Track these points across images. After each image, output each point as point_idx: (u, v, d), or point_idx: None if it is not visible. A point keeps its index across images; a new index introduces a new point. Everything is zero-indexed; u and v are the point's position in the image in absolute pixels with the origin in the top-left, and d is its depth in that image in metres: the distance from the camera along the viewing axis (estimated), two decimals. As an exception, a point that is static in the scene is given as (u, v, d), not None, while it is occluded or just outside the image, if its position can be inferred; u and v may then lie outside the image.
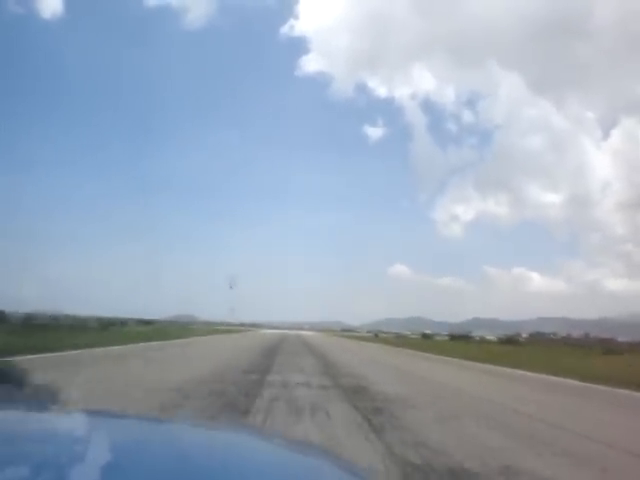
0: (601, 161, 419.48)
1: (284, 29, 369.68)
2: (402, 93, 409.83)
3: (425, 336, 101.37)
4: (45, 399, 1.38)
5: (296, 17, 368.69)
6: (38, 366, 10.12)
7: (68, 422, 1.03)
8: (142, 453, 0.85)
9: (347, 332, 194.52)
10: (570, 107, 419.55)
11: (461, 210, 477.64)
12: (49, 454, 0.79)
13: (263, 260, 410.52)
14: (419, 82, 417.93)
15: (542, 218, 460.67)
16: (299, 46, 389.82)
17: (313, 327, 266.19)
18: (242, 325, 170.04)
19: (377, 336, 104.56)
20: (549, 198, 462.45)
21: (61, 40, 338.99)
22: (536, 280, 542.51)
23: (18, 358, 10.85)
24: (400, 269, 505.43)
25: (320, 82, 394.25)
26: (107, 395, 7.49)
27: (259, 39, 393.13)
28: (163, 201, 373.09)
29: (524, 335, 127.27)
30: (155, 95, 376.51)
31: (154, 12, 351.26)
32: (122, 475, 0.74)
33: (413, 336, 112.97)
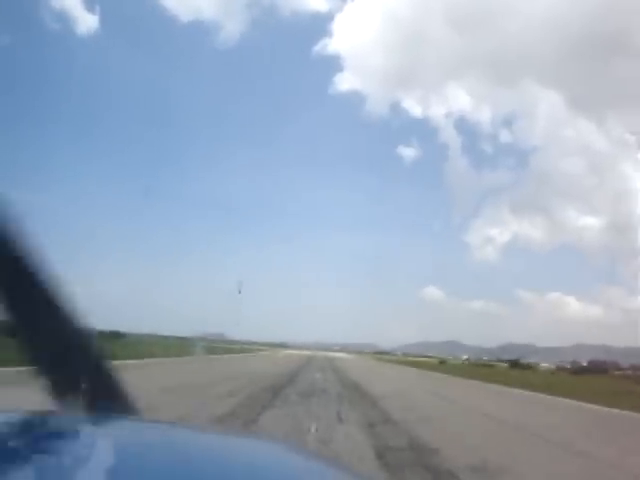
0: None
1: (318, 47, 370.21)
2: (437, 113, 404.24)
3: (484, 365, 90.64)
4: None
5: (330, 35, 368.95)
6: None
7: (71, 425, 1.02)
8: (145, 457, 0.85)
9: (382, 355, 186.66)
10: (610, 127, 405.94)
11: (496, 233, 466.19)
12: (52, 458, 0.80)
13: (295, 280, 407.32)
14: (454, 101, 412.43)
15: (579, 242, 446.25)
16: (333, 64, 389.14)
17: (344, 349, 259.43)
18: (270, 345, 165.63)
19: (443, 363, 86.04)
20: (587, 222, 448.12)
21: (96, 56, 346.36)
22: (573, 305, 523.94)
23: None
24: (433, 292, 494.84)
25: (354, 101, 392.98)
26: None
27: (293, 57, 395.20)
28: (197, 220, 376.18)
29: (584, 363, 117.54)
30: (187, 112, 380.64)
31: (188, 29, 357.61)
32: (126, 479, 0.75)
33: (458, 362, 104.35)
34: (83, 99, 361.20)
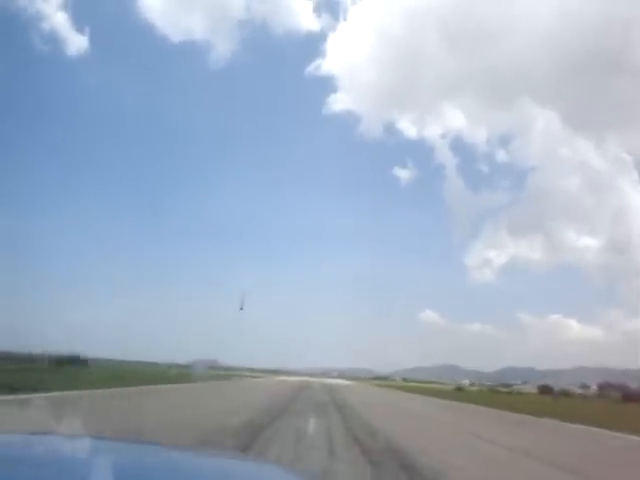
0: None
1: (311, 67, 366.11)
2: (432, 133, 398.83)
3: (508, 392, 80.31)
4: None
5: (323, 55, 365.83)
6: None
7: (70, 446, 1.00)
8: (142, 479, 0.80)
9: (381, 380, 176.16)
10: (609, 147, 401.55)
11: (494, 254, 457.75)
12: (50, 478, 0.80)
13: (288, 304, 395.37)
14: (450, 121, 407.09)
15: (579, 263, 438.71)
16: (326, 84, 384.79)
17: (341, 374, 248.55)
18: (265, 371, 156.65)
19: (460, 390, 75.47)
20: (586, 242, 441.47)
21: (86, 77, 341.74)
22: (574, 328, 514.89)
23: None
24: (430, 315, 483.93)
25: (348, 121, 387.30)
26: None
27: (285, 77, 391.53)
28: (187, 243, 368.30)
29: (593, 387, 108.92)
30: (178, 133, 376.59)
31: (178, 49, 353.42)
32: None
33: (473, 388, 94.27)
34: (72, 120, 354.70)
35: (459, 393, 56.84)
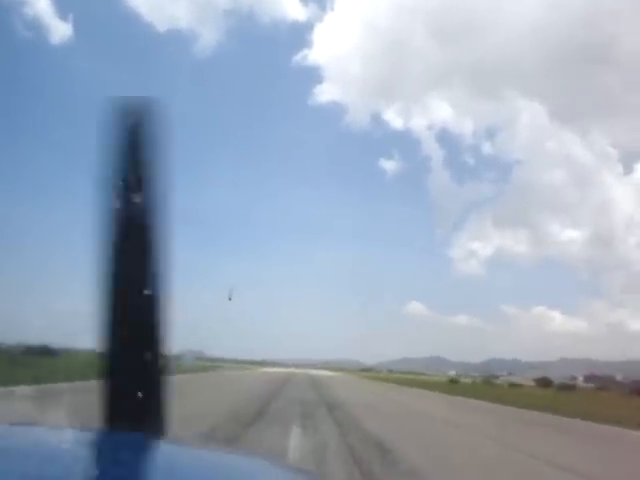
0: (625, 197, 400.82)
1: (297, 58, 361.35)
2: (418, 124, 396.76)
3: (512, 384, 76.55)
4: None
5: (310, 45, 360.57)
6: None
7: (68, 438, 1.02)
8: (139, 473, 0.87)
9: (367, 372, 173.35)
10: (594, 139, 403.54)
11: (479, 247, 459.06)
12: (47, 471, 0.80)
13: (275, 296, 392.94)
14: (436, 113, 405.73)
15: (563, 255, 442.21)
16: (313, 75, 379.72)
17: (327, 366, 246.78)
18: (251, 362, 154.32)
19: (455, 382, 71.02)
20: (570, 235, 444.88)
21: (70, 65, 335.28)
22: (557, 320, 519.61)
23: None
24: (416, 307, 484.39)
25: (334, 112, 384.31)
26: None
27: (271, 67, 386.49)
28: (176, 236, 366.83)
29: (580, 378, 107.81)
30: (163, 123, 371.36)
31: (165, 38, 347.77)
32: None
33: (466, 380, 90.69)
34: (58, 108, 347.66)
35: (455, 386, 53.10)
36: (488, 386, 59.86)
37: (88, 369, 30.39)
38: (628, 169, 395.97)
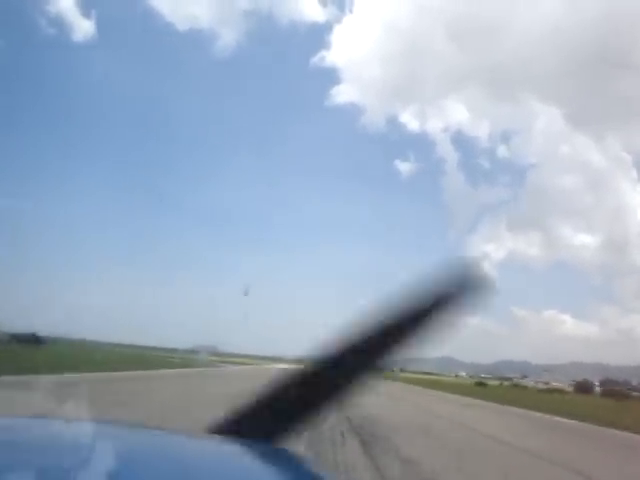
0: (639, 202, 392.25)
1: (315, 58, 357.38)
2: (434, 127, 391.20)
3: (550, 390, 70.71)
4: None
5: (328, 47, 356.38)
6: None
7: (72, 430, 1.02)
8: (143, 464, 0.88)
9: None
10: (609, 144, 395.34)
11: (491, 249, 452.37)
12: (50, 462, 0.81)
13: (287, 293, 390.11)
14: (452, 116, 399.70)
15: (575, 260, 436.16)
16: (330, 76, 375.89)
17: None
18: (264, 358, 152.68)
19: (483, 385, 65.57)
20: (583, 239, 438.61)
21: (92, 62, 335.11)
22: (568, 323, 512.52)
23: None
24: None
25: (351, 113, 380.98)
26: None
27: (290, 68, 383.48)
28: (191, 233, 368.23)
29: (596, 383, 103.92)
30: (183, 121, 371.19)
31: (185, 37, 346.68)
32: None
33: (494, 382, 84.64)
34: (78, 106, 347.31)
35: (485, 390, 47.34)
36: (522, 391, 54.02)
37: (67, 359, 26.22)
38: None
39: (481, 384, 65.25)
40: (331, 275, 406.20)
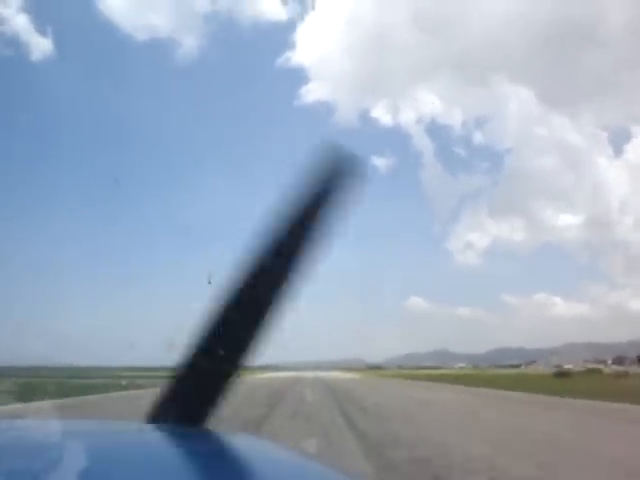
0: (617, 178, 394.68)
1: (281, 59, 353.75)
2: (408, 118, 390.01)
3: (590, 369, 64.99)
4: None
5: (293, 46, 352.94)
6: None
7: (56, 430, 1.01)
8: (131, 461, 0.86)
9: (376, 370, 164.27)
10: (585, 122, 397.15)
11: (476, 238, 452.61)
12: (35, 463, 0.80)
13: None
14: (425, 106, 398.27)
15: (560, 241, 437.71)
16: (298, 76, 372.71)
17: (334, 366, 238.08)
18: (259, 367, 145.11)
19: (566, 375, 53.84)
20: (566, 220, 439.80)
21: (52, 79, 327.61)
22: (559, 305, 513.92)
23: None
24: (418, 302, 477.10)
25: (322, 112, 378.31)
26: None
27: (255, 71, 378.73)
28: (165, 245, 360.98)
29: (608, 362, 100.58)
30: (149, 133, 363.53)
31: (145, 48, 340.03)
32: None
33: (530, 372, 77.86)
34: (40, 122, 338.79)
35: (571, 383, 39.89)
36: (617, 379, 46.40)
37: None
38: (618, 150, 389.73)
39: (563, 374, 53.06)
40: (318, 277, 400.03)
